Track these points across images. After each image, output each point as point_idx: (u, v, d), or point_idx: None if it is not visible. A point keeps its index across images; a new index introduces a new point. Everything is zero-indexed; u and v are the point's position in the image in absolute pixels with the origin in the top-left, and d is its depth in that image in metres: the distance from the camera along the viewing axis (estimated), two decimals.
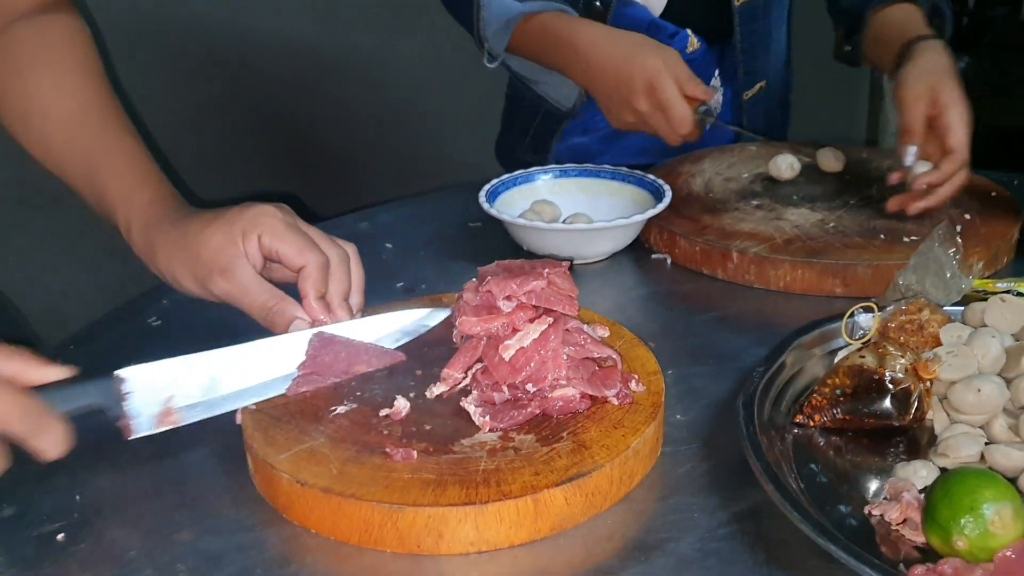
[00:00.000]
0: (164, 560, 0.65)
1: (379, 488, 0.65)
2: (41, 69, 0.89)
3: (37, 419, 0.63)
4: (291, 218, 0.81)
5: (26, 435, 0.63)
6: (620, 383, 0.74)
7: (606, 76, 1.16)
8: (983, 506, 0.59)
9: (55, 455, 0.64)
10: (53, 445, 0.64)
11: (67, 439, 0.65)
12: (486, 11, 1.23)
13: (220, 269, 0.78)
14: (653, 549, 0.65)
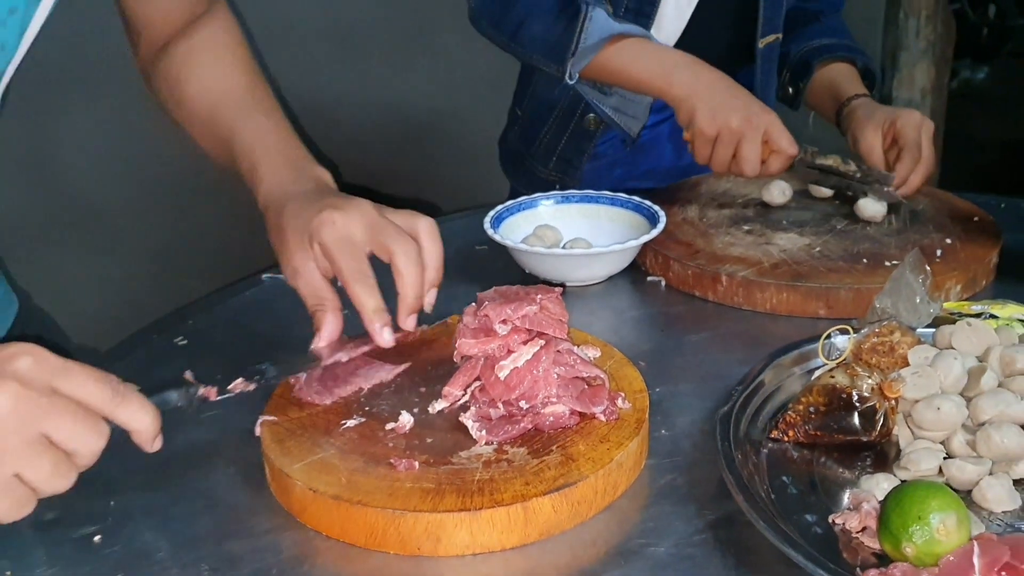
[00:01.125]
0: (189, 560, 0.71)
1: (383, 496, 0.71)
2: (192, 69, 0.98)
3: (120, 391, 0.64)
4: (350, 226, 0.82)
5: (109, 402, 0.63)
6: (607, 401, 0.80)
7: (721, 85, 1.23)
8: (930, 515, 0.64)
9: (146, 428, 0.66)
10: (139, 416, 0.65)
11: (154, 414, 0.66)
12: (591, 25, 1.26)
13: (293, 270, 0.84)
14: (633, 554, 0.71)
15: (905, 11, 2.90)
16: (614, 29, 1.26)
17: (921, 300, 0.90)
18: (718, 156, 1.21)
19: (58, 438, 0.61)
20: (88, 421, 0.62)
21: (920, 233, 1.15)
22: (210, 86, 0.98)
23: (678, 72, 1.24)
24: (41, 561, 0.72)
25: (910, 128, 1.22)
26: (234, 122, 0.94)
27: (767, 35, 1.41)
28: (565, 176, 1.48)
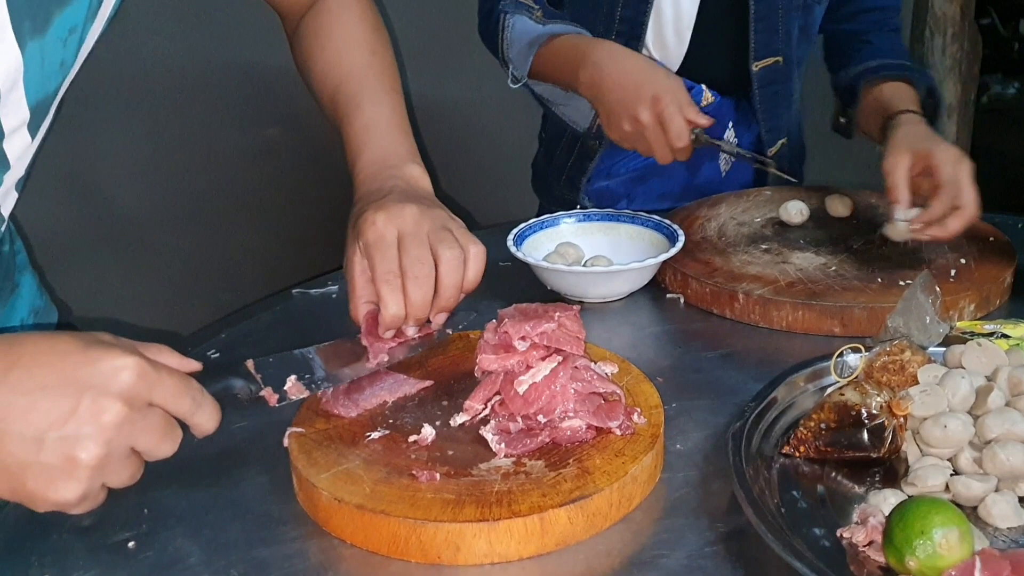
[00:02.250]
0: (219, 566, 0.75)
1: (406, 506, 0.74)
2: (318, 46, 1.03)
3: (198, 398, 0.69)
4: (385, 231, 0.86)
5: (189, 411, 0.68)
6: (623, 416, 0.83)
7: (614, 86, 1.23)
8: (933, 530, 0.66)
9: (211, 428, 0.70)
10: (209, 419, 0.70)
11: (219, 414, 0.71)
12: (509, 32, 1.33)
13: (347, 257, 0.89)
14: (646, 564, 0.74)
15: (931, 29, 2.91)
16: (534, 31, 1.30)
17: (931, 320, 0.92)
18: (638, 149, 1.25)
19: (141, 448, 0.66)
20: (170, 433, 0.67)
21: (935, 253, 1.17)
22: (333, 66, 1.02)
23: (583, 72, 1.26)
24: (78, 565, 0.76)
25: (947, 163, 1.12)
26: (347, 109, 0.98)
27: (763, 58, 1.41)
28: (572, 196, 1.52)
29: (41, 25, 0.77)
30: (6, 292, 1.00)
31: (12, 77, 0.77)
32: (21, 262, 1.04)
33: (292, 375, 0.83)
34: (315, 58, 1.03)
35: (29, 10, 0.76)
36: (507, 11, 1.33)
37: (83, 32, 0.83)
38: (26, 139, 0.84)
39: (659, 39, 1.40)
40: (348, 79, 1.01)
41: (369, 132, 0.97)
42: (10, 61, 0.76)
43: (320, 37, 1.04)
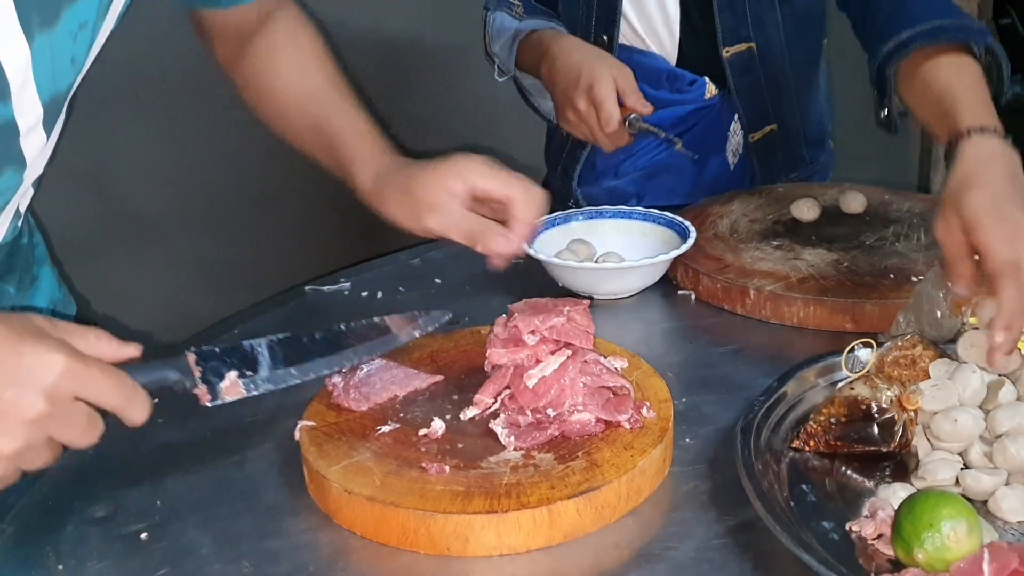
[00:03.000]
0: (231, 556, 0.75)
1: (415, 498, 0.75)
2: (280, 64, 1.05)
3: (126, 390, 0.69)
4: (491, 162, 0.95)
5: (119, 406, 0.69)
6: (632, 409, 0.83)
7: (561, 78, 1.27)
8: (941, 523, 0.66)
9: (141, 420, 0.70)
10: (140, 414, 0.70)
11: (149, 409, 0.71)
12: (491, 28, 1.38)
13: (431, 206, 0.92)
14: (654, 556, 0.74)
15: None
16: (511, 27, 1.35)
17: (943, 315, 0.91)
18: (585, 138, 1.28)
19: (61, 440, 0.66)
20: (90, 427, 0.67)
21: None
22: (295, 81, 1.04)
23: (543, 66, 1.31)
24: (92, 555, 0.76)
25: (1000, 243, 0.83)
26: (325, 115, 1.02)
27: (732, 44, 1.38)
28: (566, 188, 1.52)
29: (50, 19, 0.78)
30: (26, 283, 1.01)
31: (22, 71, 0.78)
32: (40, 255, 1.06)
33: (233, 371, 0.79)
34: (274, 76, 1.05)
35: (36, 3, 0.76)
36: (489, 8, 1.38)
37: (94, 28, 0.84)
38: (42, 137, 0.85)
39: (651, 33, 1.40)
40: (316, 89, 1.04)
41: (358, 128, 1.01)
42: (19, 54, 0.76)
43: (274, 59, 1.05)
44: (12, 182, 0.86)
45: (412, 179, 0.95)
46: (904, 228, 1.24)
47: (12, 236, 0.95)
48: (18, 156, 0.84)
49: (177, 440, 0.89)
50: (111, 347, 0.72)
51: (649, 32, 1.41)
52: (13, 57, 0.76)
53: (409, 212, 0.95)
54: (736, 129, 1.44)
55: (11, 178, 0.85)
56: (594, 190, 1.51)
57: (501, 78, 1.39)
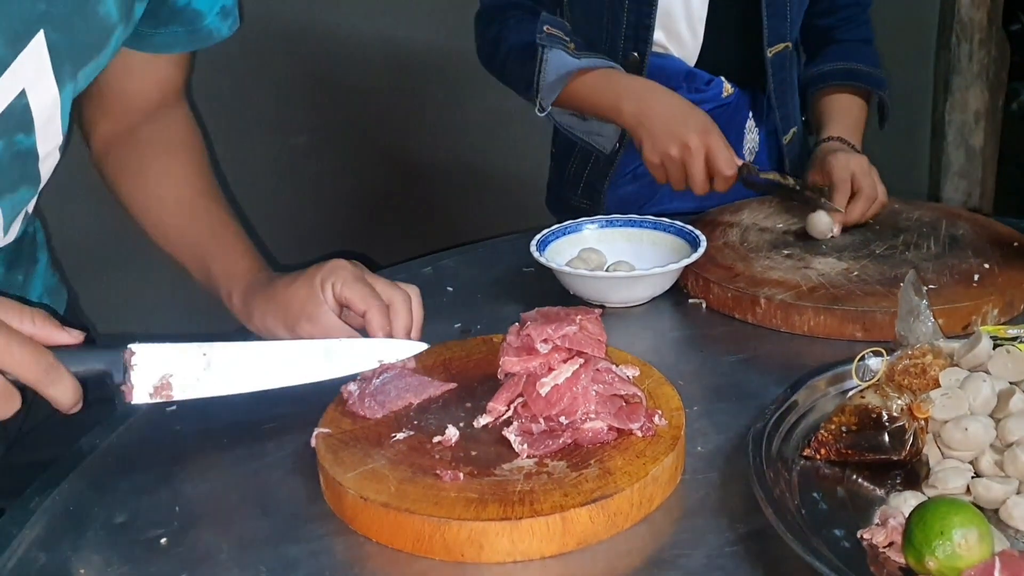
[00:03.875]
0: (249, 562, 0.76)
1: (430, 504, 0.76)
2: (157, 163, 1.05)
3: (50, 370, 0.72)
4: (359, 270, 0.94)
5: (39, 383, 0.71)
6: (644, 418, 0.84)
7: (662, 114, 1.29)
8: (952, 531, 0.67)
9: (67, 406, 0.73)
10: (64, 396, 0.73)
11: (77, 393, 0.74)
12: (547, 65, 1.36)
13: (307, 316, 0.92)
14: (666, 563, 0.75)
15: (957, 36, 2.89)
16: (572, 65, 1.35)
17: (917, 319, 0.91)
18: (671, 179, 1.30)
19: None
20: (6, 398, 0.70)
21: (958, 258, 1.17)
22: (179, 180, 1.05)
23: (625, 102, 1.32)
24: (112, 560, 0.77)
25: (837, 168, 1.29)
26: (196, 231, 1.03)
27: (774, 44, 1.44)
28: (592, 202, 1.53)
29: (80, 66, 0.85)
30: (30, 268, 1.05)
31: (48, 110, 0.84)
32: (40, 240, 1.10)
33: (170, 373, 0.81)
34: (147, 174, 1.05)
35: (71, 56, 0.83)
36: (545, 45, 1.37)
37: (102, 68, 0.92)
38: (56, 158, 0.92)
39: (673, 34, 1.42)
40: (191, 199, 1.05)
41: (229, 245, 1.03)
42: (47, 97, 0.83)
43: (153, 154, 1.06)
44: (27, 196, 0.92)
45: (281, 292, 0.95)
46: (914, 237, 1.24)
47: (22, 232, 0.99)
48: (35, 176, 0.90)
49: (194, 447, 0.91)
50: (48, 330, 0.74)
51: (672, 38, 1.43)
52: (41, 98, 0.83)
53: (282, 323, 0.94)
54: (751, 127, 1.47)
55: (26, 193, 0.91)
56: (612, 196, 1.52)
57: (542, 113, 1.40)
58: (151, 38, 1.00)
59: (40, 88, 0.82)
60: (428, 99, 2.21)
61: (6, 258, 1.00)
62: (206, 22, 1.02)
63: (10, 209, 0.90)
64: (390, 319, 0.93)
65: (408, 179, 2.27)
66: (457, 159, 2.28)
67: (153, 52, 1.02)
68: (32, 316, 0.74)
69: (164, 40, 1.01)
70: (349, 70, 2.12)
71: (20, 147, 0.85)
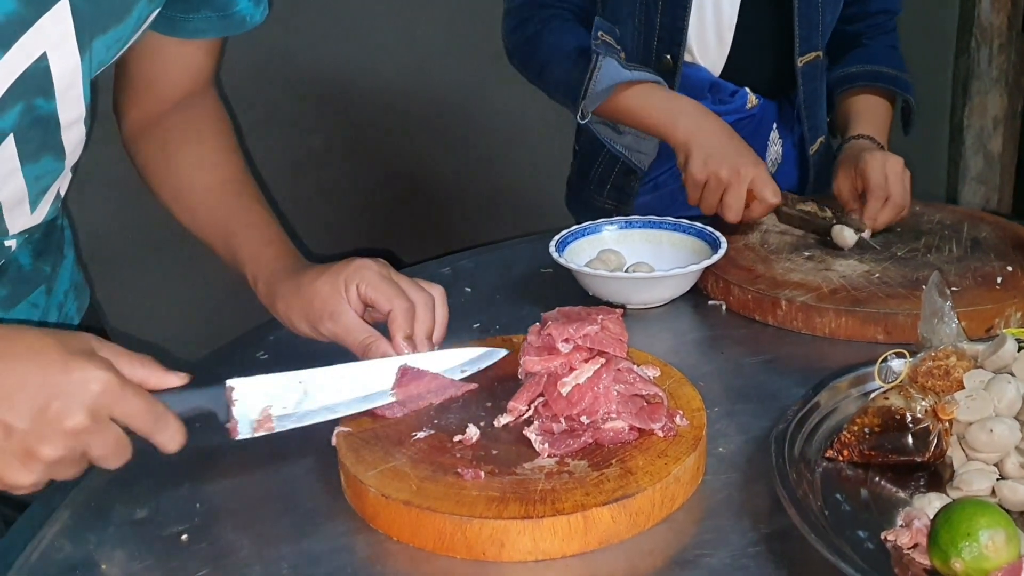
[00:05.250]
0: (270, 558, 0.76)
1: (451, 503, 0.75)
2: (186, 149, 1.05)
3: (158, 417, 0.74)
4: (385, 270, 0.94)
5: (149, 431, 0.74)
6: (665, 418, 0.83)
7: (719, 137, 1.29)
8: (979, 532, 0.66)
9: (173, 449, 0.75)
10: (171, 440, 0.75)
11: (183, 436, 0.76)
12: (599, 73, 1.35)
13: (328, 314, 0.92)
14: (688, 563, 0.74)
15: (977, 40, 2.88)
16: (623, 77, 1.34)
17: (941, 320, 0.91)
18: (706, 200, 1.28)
19: (93, 457, 0.71)
20: (121, 449, 0.73)
21: (981, 261, 1.16)
22: (208, 165, 1.05)
23: (682, 118, 1.31)
24: (134, 556, 0.78)
25: (873, 171, 1.26)
26: (233, 208, 1.02)
27: (805, 53, 1.44)
28: (620, 204, 1.53)
29: (99, 33, 0.84)
30: (58, 261, 1.06)
31: (69, 75, 0.84)
32: (68, 237, 1.11)
33: (269, 405, 0.83)
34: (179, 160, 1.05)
35: (92, 21, 0.83)
36: (600, 52, 1.36)
37: (125, 43, 0.91)
38: (81, 131, 0.91)
39: (701, 42, 1.42)
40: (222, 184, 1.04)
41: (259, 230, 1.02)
42: (68, 61, 0.82)
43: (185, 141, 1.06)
44: (52, 167, 0.91)
45: (307, 285, 0.94)
46: (935, 240, 1.24)
47: (51, 216, 1.00)
48: (58, 146, 0.89)
49: (216, 444, 0.90)
50: (156, 375, 0.77)
51: (700, 46, 1.42)
52: (62, 62, 0.82)
53: (305, 318, 0.94)
54: (775, 139, 1.46)
55: (50, 163, 0.91)
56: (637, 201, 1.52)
57: (583, 120, 1.39)
58: (183, 23, 1.00)
59: (61, 52, 0.81)
60: (446, 101, 2.22)
61: (34, 248, 1.01)
62: (238, 7, 1.02)
63: (34, 181, 0.91)
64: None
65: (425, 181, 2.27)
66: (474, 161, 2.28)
67: (186, 37, 1.02)
68: (141, 362, 0.76)
69: (197, 26, 1.01)
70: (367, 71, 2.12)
71: (40, 112, 0.85)
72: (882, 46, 1.51)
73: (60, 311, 1.06)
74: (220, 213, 1.02)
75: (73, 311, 1.09)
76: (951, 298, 0.92)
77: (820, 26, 1.44)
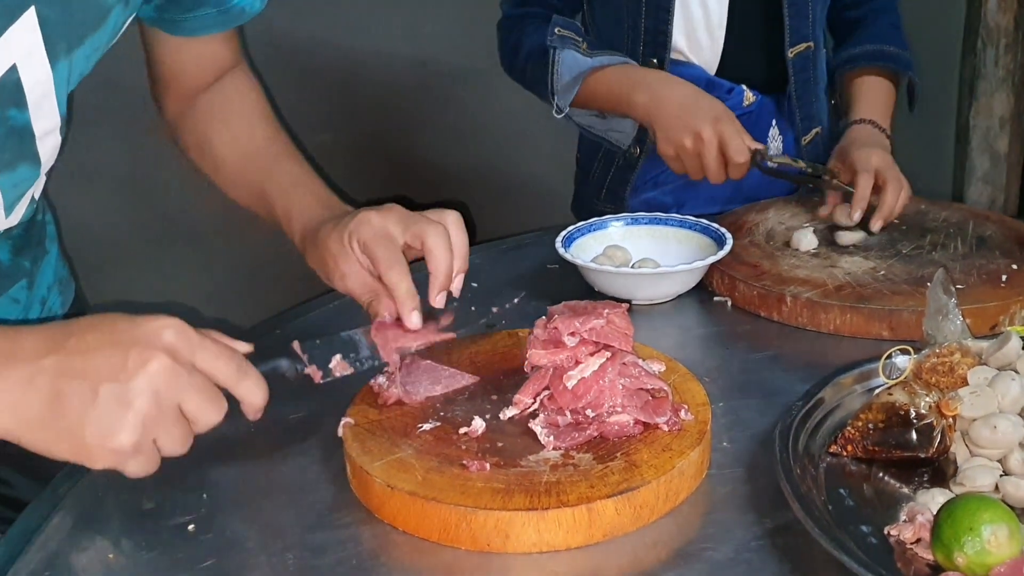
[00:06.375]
0: (275, 549, 0.77)
1: (456, 494, 0.76)
2: (219, 128, 1.06)
3: (240, 365, 0.73)
4: (385, 221, 0.90)
5: (233, 379, 0.72)
6: (670, 412, 0.84)
7: (674, 105, 1.29)
8: (982, 527, 0.67)
9: (259, 404, 0.74)
10: (255, 393, 0.74)
11: (265, 388, 0.75)
12: (559, 66, 1.37)
13: (340, 274, 0.92)
14: (692, 556, 0.75)
15: (983, 40, 2.87)
16: (586, 65, 1.35)
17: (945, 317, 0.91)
18: (688, 169, 1.30)
19: (188, 409, 0.69)
20: (214, 397, 0.71)
21: (986, 258, 1.16)
22: (238, 137, 1.06)
23: (637, 94, 1.32)
24: (140, 546, 0.78)
25: (860, 163, 1.27)
26: (265, 170, 1.03)
27: (796, 44, 1.44)
28: (615, 207, 1.53)
29: (74, 45, 0.85)
30: (39, 256, 1.06)
31: (42, 86, 0.84)
32: (51, 232, 1.11)
33: (338, 354, 0.85)
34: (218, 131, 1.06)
35: (64, 33, 0.83)
36: (556, 46, 1.37)
37: (104, 49, 0.91)
38: (57, 140, 0.91)
39: (692, 41, 1.42)
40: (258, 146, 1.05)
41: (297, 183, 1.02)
42: (39, 73, 0.83)
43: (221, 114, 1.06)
44: (28, 175, 0.92)
45: (322, 240, 0.93)
46: (941, 237, 1.24)
47: (28, 216, 0.99)
48: (33, 155, 0.90)
49: (222, 436, 0.90)
50: (225, 340, 0.76)
51: (692, 45, 1.43)
52: (33, 74, 0.82)
53: (324, 274, 0.94)
54: (774, 135, 1.46)
55: (26, 172, 0.91)
56: (634, 202, 1.52)
57: (559, 115, 1.40)
58: (183, 23, 1.01)
59: (32, 64, 0.82)
60: (452, 100, 2.22)
61: (13, 244, 1.01)
62: (235, 0, 1.02)
63: (11, 188, 0.91)
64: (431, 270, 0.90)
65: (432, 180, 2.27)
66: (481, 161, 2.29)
67: (189, 36, 1.03)
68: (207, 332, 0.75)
69: (196, 24, 1.01)
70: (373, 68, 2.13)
71: (14, 123, 0.85)
72: (884, 24, 1.51)
73: (43, 306, 1.06)
74: (257, 180, 1.03)
75: (57, 306, 1.09)
76: (956, 295, 0.92)
77: (810, 15, 1.43)
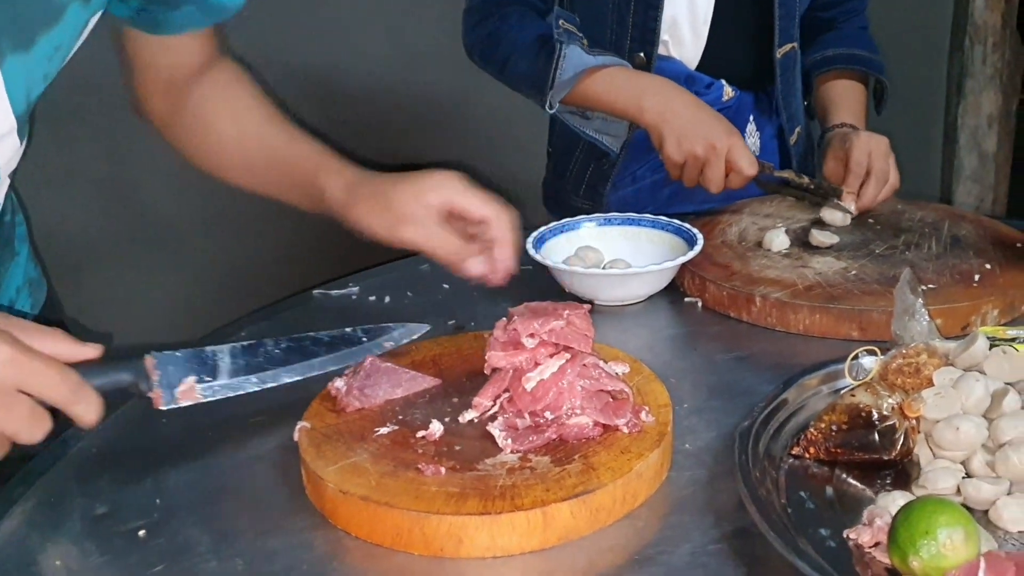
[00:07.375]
0: (227, 554, 0.75)
1: (409, 498, 0.75)
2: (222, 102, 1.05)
3: (75, 388, 0.71)
4: (469, 182, 0.94)
5: (65, 402, 0.71)
6: (631, 414, 0.82)
7: (688, 113, 1.30)
8: (938, 530, 0.65)
9: (91, 421, 0.73)
10: (87, 412, 0.72)
11: (100, 407, 0.73)
12: (564, 62, 1.35)
13: (408, 217, 0.92)
14: (648, 560, 0.73)
15: (971, 38, 2.87)
16: (588, 63, 1.34)
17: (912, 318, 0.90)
18: (686, 177, 1.30)
19: (7, 433, 0.68)
20: (36, 421, 0.69)
21: (959, 258, 1.15)
22: (238, 124, 1.04)
23: (647, 99, 1.32)
24: (91, 552, 0.77)
25: (856, 148, 1.30)
26: (275, 148, 1.02)
27: (783, 44, 1.44)
28: (594, 203, 1.52)
29: (24, 43, 0.83)
30: (7, 257, 1.05)
31: None
32: (21, 233, 1.09)
33: (191, 376, 0.82)
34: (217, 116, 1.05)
35: (10, 30, 0.81)
36: (563, 41, 1.37)
37: (68, 48, 0.89)
38: (15, 142, 0.89)
39: (675, 37, 1.42)
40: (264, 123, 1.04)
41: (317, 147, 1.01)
42: None
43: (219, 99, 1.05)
44: None
45: (389, 189, 0.94)
46: (915, 237, 1.23)
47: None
48: None
49: (178, 439, 0.90)
50: (69, 347, 0.74)
51: (675, 40, 1.42)
52: None
53: (384, 221, 0.94)
54: (752, 130, 1.46)
55: None
56: (612, 199, 1.51)
57: (551, 111, 1.39)
58: (165, 22, 1.00)
59: None
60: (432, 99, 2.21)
61: None
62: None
63: None
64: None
65: None
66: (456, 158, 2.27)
67: (172, 34, 1.01)
68: (51, 334, 0.74)
69: (179, 21, 1.00)
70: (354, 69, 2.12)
71: None
72: (854, 28, 1.53)
73: (12, 309, 1.05)
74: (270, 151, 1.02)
75: (27, 307, 1.08)
76: (924, 295, 0.91)
77: (797, 15, 1.45)
